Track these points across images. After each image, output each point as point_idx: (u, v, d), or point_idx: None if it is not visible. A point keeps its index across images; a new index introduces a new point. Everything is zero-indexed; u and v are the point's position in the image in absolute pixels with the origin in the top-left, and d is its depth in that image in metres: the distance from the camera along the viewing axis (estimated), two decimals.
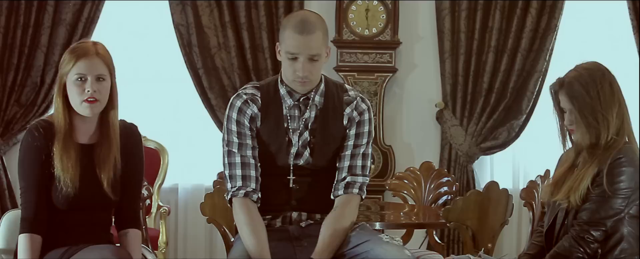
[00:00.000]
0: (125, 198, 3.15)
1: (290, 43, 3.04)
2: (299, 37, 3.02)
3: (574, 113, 3.09)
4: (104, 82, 3.04)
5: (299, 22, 3.05)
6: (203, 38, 5.71)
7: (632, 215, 3.06)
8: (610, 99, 3.08)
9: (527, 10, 5.76)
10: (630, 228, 3.07)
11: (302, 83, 3.11)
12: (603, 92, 3.08)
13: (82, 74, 3.01)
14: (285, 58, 3.09)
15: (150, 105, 5.80)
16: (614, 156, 3.03)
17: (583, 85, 3.08)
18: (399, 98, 5.98)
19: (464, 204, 3.87)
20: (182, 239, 5.89)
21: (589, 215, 3.05)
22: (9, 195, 5.68)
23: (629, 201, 3.04)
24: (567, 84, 3.11)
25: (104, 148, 3.08)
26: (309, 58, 3.05)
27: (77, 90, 3.01)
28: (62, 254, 3.04)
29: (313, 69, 3.08)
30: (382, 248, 2.97)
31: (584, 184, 3.05)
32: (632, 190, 3.03)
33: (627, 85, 5.63)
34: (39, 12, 5.61)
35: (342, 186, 3.18)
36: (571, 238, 3.06)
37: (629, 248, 3.07)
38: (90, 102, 3.02)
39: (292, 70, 3.08)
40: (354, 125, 3.21)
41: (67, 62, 3.03)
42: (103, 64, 3.04)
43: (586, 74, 3.11)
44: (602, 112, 3.06)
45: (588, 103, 3.06)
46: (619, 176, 3.02)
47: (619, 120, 3.10)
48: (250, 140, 3.17)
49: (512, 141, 5.90)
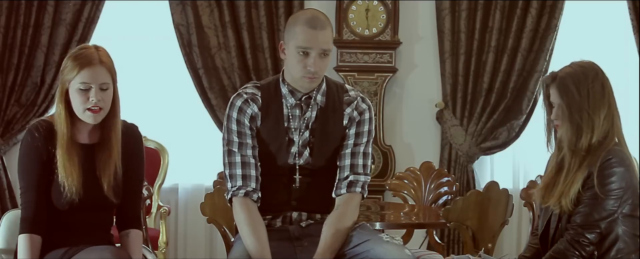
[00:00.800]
0: (126, 198, 3.15)
1: (303, 38, 3.05)
2: (312, 32, 3.04)
3: (561, 108, 3.08)
4: (108, 90, 3.04)
5: (310, 18, 3.07)
6: (203, 38, 5.71)
7: (625, 214, 3.06)
8: (600, 100, 3.08)
9: (527, 10, 5.76)
10: (625, 227, 3.06)
11: (311, 79, 3.10)
12: (593, 92, 3.07)
13: (86, 82, 3.00)
14: (294, 54, 3.08)
15: (150, 105, 5.79)
16: (603, 157, 3.02)
17: (575, 82, 3.08)
18: (399, 98, 5.98)
19: (464, 204, 3.87)
20: (182, 240, 5.89)
21: (583, 218, 3.04)
22: (9, 195, 5.68)
23: (622, 201, 3.03)
24: (560, 79, 3.11)
25: (105, 152, 3.08)
26: (321, 53, 3.06)
27: (81, 99, 3.01)
28: (62, 254, 3.04)
29: (322, 65, 3.09)
30: (382, 248, 2.97)
31: (575, 188, 3.04)
32: (624, 189, 3.03)
33: (627, 85, 5.70)
34: (39, 12, 5.61)
35: (344, 185, 3.18)
36: (566, 242, 3.06)
37: (624, 247, 3.07)
38: (94, 111, 3.01)
39: (302, 65, 3.07)
40: (354, 125, 3.21)
41: (71, 69, 3.01)
42: (106, 72, 3.03)
43: (580, 71, 3.11)
44: (588, 111, 3.05)
45: (576, 100, 3.06)
46: (610, 177, 3.01)
47: (608, 122, 3.08)
48: (250, 139, 3.17)
49: (512, 141, 5.90)
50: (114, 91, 3.07)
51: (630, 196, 3.05)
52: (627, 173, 3.03)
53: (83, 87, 3.00)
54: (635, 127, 5.56)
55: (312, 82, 3.12)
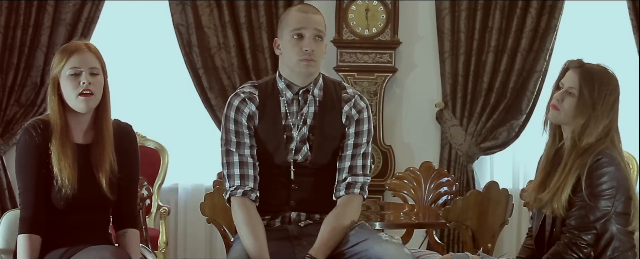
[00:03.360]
0: (122, 197, 3.15)
1: (296, 20, 3.11)
2: (304, 15, 3.13)
3: (575, 95, 3.07)
4: (98, 76, 3.06)
5: (301, 6, 3.23)
6: (203, 38, 5.71)
7: (619, 212, 3.06)
8: (608, 111, 3.08)
9: (527, 10, 5.76)
10: (619, 225, 3.07)
11: (308, 61, 3.11)
12: (609, 99, 3.08)
13: (76, 67, 3.03)
14: (289, 40, 3.11)
15: (150, 105, 5.80)
16: (593, 158, 3.02)
17: (599, 80, 3.08)
18: (398, 98, 5.98)
19: (463, 204, 3.87)
20: (182, 239, 5.89)
21: (578, 220, 3.05)
22: (8, 195, 5.68)
23: (615, 201, 3.04)
24: (587, 69, 3.09)
25: (99, 148, 3.09)
26: (315, 35, 3.10)
27: (72, 84, 3.02)
28: (61, 254, 3.04)
29: (318, 48, 3.12)
30: (381, 247, 2.97)
31: (566, 191, 3.04)
32: (616, 188, 3.03)
33: (627, 85, 5.67)
34: (38, 12, 5.61)
35: (343, 187, 3.18)
36: (563, 245, 3.06)
37: (620, 245, 3.07)
38: (86, 94, 3.02)
39: (298, 48, 3.10)
40: (353, 124, 3.21)
41: (59, 59, 3.06)
42: (95, 59, 3.08)
43: (607, 75, 3.11)
44: (599, 111, 3.05)
45: (594, 95, 3.06)
46: (601, 178, 3.01)
47: (604, 132, 3.08)
48: (248, 139, 3.18)
49: (512, 141, 5.90)
50: (104, 84, 3.09)
51: (622, 195, 3.05)
52: (618, 172, 3.04)
53: (73, 71, 3.03)
54: (635, 126, 5.56)
55: (309, 65, 3.12)
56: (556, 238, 3.12)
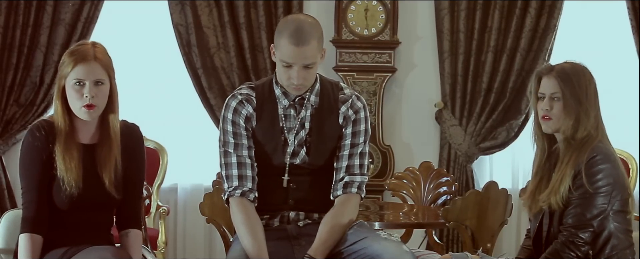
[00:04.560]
0: (126, 198, 3.15)
1: (285, 53, 3.05)
2: (294, 49, 3.03)
3: (560, 98, 3.09)
4: (103, 86, 3.04)
5: (294, 32, 3.03)
6: (202, 38, 5.71)
7: (616, 210, 3.07)
8: (594, 99, 3.12)
9: (526, 10, 5.76)
10: (617, 223, 3.08)
11: (297, 88, 3.13)
12: (590, 90, 3.12)
13: (80, 79, 3.01)
14: (279, 64, 3.11)
15: (149, 105, 5.79)
16: (588, 156, 3.03)
17: (575, 75, 3.11)
18: (398, 98, 5.98)
19: (463, 204, 3.87)
20: (182, 239, 5.89)
21: (575, 218, 3.05)
22: (8, 195, 5.68)
23: (611, 198, 3.05)
24: (560, 70, 3.13)
25: (105, 149, 3.08)
26: (304, 66, 3.06)
27: (76, 95, 3.02)
28: (62, 254, 3.04)
29: (307, 75, 3.09)
30: (380, 245, 2.98)
31: (565, 185, 3.05)
32: (612, 185, 3.04)
33: (626, 85, 5.69)
34: (38, 12, 5.61)
35: (340, 187, 3.19)
36: (561, 243, 3.06)
37: (618, 243, 3.08)
38: (88, 107, 3.02)
39: (286, 76, 3.10)
40: (350, 124, 3.22)
41: (66, 65, 3.03)
42: (101, 69, 3.03)
43: (579, 68, 3.15)
44: (586, 104, 3.08)
45: (577, 92, 3.08)
46: (597, 175, 3.02)
47: (595, 122, 3.10)
48: (246, 140, 3.18)
49: (511, 141, 5.90)
50: (111, 88, 3.07)
51: (619, 192, 3.06)
52: (613, 169, 3.05)
53: (77, 83, 3.01)
54: (635, 126, 5.56)
55: (298, 90, 3.14)
56: (554, 237, 3.12)
